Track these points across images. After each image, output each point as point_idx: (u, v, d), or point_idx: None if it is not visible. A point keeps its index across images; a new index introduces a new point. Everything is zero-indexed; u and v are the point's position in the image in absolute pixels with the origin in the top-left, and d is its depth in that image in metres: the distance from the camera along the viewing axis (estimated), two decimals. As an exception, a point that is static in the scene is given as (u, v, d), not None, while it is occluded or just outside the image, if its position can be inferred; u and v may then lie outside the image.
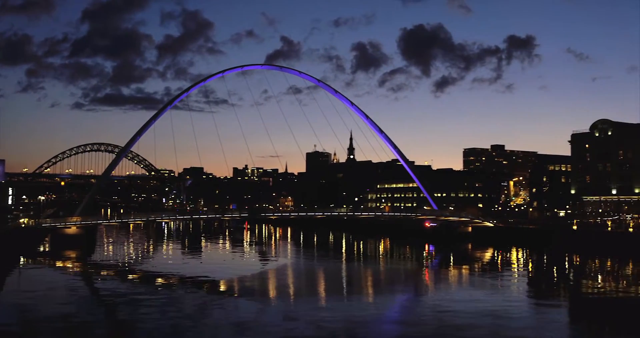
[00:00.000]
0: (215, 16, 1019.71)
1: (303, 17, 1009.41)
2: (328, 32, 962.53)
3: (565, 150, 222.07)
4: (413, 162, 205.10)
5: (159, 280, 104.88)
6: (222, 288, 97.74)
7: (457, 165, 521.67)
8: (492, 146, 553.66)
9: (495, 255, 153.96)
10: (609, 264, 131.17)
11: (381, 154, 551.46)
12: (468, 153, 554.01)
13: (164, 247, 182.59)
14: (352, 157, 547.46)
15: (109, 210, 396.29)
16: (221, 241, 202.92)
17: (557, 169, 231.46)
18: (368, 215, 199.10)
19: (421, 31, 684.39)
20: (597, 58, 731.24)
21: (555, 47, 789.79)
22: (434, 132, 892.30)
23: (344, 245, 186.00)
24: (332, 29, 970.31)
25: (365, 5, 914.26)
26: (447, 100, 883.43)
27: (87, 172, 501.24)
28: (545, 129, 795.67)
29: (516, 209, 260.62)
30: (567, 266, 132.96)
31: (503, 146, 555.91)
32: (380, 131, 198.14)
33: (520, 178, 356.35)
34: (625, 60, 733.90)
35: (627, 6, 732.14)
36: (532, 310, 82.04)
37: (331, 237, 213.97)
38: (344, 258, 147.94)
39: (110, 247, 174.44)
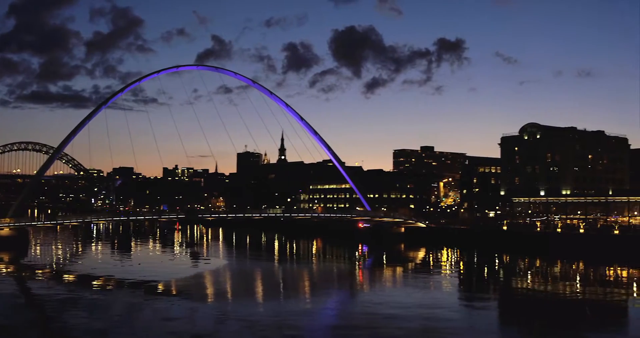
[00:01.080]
0: (145, 14, 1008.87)
1: (235, 16, 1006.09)
2: (260, 32, 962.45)
3: (494, 152, 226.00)
4: (344, 162, 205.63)
5: (93, 282, 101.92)
6: (155, 289, 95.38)
7: (387, 166, 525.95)
8: (421, 147, 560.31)
9: (428, 255, 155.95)
10: (537, 263, 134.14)
11: (315, 155, 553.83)
12: (398, 154, 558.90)
13: (96, 248, 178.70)
14: (283, 157, 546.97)
15: (36, 210, 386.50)
16: (152, 242, 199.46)
17: (487, 170, 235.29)
18: (305, 216, 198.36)
19: (352, 33, 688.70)
20: (525, 62, 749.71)
21: (485, 50, 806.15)
22: (365, 133, 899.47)
23: (277, 246, 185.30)
24: (263, 29, 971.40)
25: (297, 6, 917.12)
26: (377, 102, 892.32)
27: (14, 171, 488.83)
28: (474, 131, 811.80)
29: (449, 210, 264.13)
30: (496, 265, 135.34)
31: (432, 147, 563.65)
32: (315, 132, 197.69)
33: (450, 179, 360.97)
34: (552, 65, 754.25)
35: (555, 11, 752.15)
36: (462, 307, 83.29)
37: (264, 238, 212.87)
38: (277, 259, 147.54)
39: (43, 249, 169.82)
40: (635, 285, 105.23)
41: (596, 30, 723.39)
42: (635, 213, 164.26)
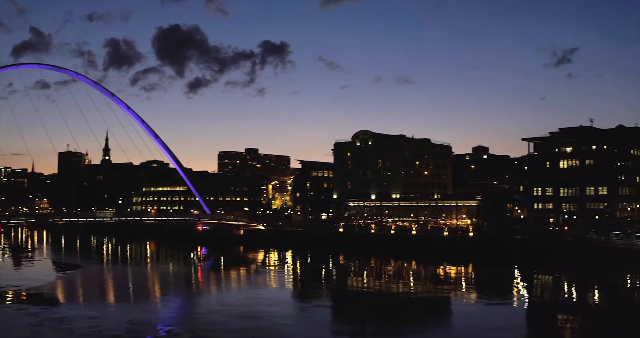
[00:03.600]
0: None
1: (55, 8, 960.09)
2: (81, 26, 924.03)
3: (317, 155, 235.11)
4: (167, 164, 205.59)
5: None
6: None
7: (212, 167, 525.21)
8: (246, 149, 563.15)
9: (266, 256, 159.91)
10: (372, 263, 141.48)
11: (145, 154, 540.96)
12: (223, 156, 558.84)
13: None
14: (107, 157, 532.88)
15: None
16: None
17: (320, 175, 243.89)
18: (141, 219, 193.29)
19: (177, 31, 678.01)
20: (347, 67, 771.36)
21: (308, 54, 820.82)
22: (188, 134, 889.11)
23: (109, 249, 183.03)
24: (85, 23, 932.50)
25: (122, 1, 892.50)
26: (200, 102, 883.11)
27: None
28: (297, 134, 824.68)
29: (281, 213, 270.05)
30: (331, 265, 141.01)
31: (257, 150, 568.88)
32: (156, 135, 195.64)
33: (276, 182, 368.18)
34: (372, 71, 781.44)
35: (377, 18, 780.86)
36: (297, 306, 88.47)
37: (93, 241, 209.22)
38: (108, 263, 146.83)
39: None
40: (460, 282, 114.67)
41: (415, 38, 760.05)
42: (464, 216, 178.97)
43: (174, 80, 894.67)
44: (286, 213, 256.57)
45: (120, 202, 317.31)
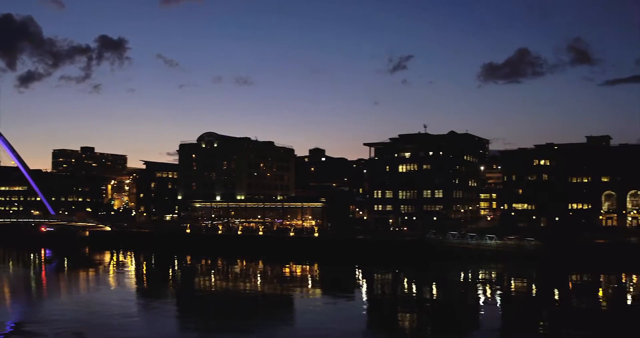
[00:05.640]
0: None
1: None
2: None
3: (155, 154, 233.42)
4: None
5: None
6: None
7: (46, 166, 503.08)
8: (82, 148, 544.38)
9: (112, 258, 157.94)
10: (219, 263, 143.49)
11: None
12: (58, 154, 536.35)
13: None
14: None
15: None
16: None
17: (164, 175, 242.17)
18: None
19: (9, 22, 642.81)
20: (186, 66, 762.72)
21: (146, 51, 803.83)
22: (19, 130, 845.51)
23: None
24: None
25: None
26: (32, 97, 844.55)
27: None
28: (134, 132, 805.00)
29: (124, 214, 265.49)
30: (177, 266, 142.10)
31: (93, 148, 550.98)
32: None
33: (114, 182, 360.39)
34: (211, 70, 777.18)
35: (218, 18, 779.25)
36: (143, 305, 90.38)
37: None
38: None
39: None
40: (306, 280, 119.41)
41: (256, 39, 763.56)
42: (309, 217, 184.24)
43: (5, 73, 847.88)
44: (132, 215, 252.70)
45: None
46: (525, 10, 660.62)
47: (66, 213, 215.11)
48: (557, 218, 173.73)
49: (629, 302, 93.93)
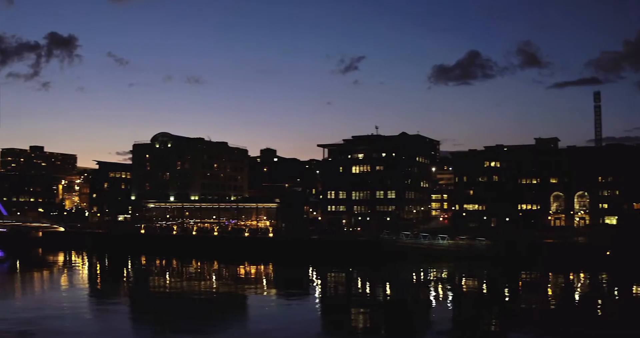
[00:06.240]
0: None
1: None
2: None
3: (102, 154, 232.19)
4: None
5: None
6: None
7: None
8: (31, 147, 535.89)
9: (66, 258, 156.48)
10: (174, 264, 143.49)
11: None
12: (6, 153, 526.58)
13: None
14: None
15: None
16: None
17: (118, 176, 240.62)
18: None
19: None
20: (136, 64, 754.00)
21: (97, 49, 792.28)
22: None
23: None
24: None
25: None
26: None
27: None
28: (84, 131, 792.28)
29: (85, 214, 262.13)
30: (131, 266, 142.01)
31: (42, 147, 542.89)
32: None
33: (65, 182, 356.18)
34: (162, 69, 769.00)
35: (169, 16, 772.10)
36: (97, 305, 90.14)
37: None
38: None
39: None
40: (261, 280, 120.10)
41: (207, 38, 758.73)
42: (264, 217, 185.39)
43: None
44: (86, 215, 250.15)
45: None
46: (476, 13, 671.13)
47: (18, 213, 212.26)
48: (507, 219, 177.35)
49: (576, 300, 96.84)
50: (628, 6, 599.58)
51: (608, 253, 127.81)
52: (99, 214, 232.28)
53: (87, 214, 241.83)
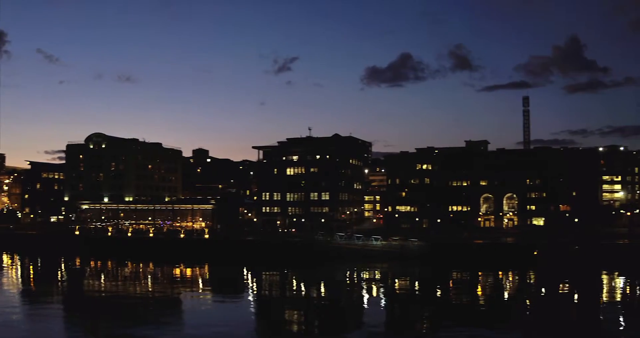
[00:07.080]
0: None
1: None
2: None
3: (31, 153, 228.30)
4: None
5: None
6: None
7: None
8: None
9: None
10: (109, 265, 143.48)
11: None
12: None
13: None
14: None
15: None
16: None
17: (51, 176, 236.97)
18: None
19: None
20: (67, 61, 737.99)
21: (26, 45, 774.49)
22: None
23: None
24: None
25: None
26: None
27: None
28: (12, 130, 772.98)
29: (17, 215, 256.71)
30: (65, 268, 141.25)
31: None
32: None
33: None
34: (92, 67, 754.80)
35: (99, 12, 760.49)
36: (28, 307, 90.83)
37: None
38: None
39: None
40: (196, 281, 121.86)
41: (139, 36, 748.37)
42: (199, 219, 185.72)
43: None
44: (18, 216, 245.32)
45: None
46: (409, 16, 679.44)
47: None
48: (438, 220, 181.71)
49: (505, 298, 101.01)
50: (557, 12, 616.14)
51: (535, 253, 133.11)
52: (31, 215, 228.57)
53: (19, 215, 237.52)
